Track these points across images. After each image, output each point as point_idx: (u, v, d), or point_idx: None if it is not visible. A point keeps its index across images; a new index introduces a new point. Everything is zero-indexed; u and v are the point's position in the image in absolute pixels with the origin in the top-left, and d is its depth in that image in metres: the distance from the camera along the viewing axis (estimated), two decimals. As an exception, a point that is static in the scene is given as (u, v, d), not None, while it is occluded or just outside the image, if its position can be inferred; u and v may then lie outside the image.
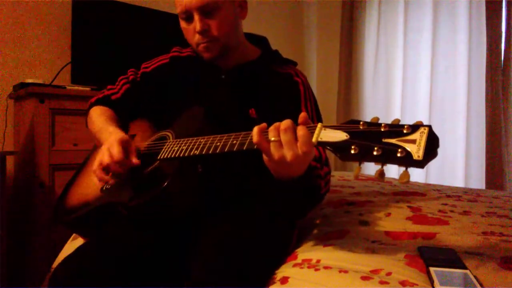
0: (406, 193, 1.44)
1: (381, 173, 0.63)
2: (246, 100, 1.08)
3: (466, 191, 1.59)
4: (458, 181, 2.80)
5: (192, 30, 1.05)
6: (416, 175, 2.94)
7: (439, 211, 1.18)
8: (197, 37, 1.04)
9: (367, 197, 1.38)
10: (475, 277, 0.72)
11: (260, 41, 1.19)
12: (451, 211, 1.19)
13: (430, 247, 0.88)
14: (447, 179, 2.79)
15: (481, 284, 0.70)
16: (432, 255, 0.81)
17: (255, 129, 0.77)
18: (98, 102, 1.23)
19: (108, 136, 1.04)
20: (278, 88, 1.09)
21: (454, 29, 2.89)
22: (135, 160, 0.97)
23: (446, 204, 1.26)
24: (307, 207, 0.97)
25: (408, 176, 0.62)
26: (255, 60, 1.14)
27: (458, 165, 2.86)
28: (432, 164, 2.98)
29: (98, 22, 2.24)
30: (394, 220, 1.10)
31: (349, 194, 1.43)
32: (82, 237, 1.20)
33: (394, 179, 1.98)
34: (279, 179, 0.83)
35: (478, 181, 2.77)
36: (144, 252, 0.95)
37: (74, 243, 1.24)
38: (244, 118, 1.04)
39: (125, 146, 0.97)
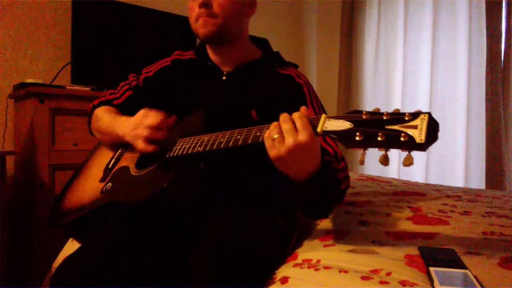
0: (406, 193, 1.44)
1: (385, 157, 0.67)
2: (247, 102, 1.09)
3: (466, 191, 1.58)
4: (458, 181, 2.79)
5: (195, 6, 1.06)
6: (416, 175, 2.94)
7: (439, 211, 1.18)
8: (197, 11, 1.06)
9: (367, 197, 1.38)
10: (475, 277, 0.72)
11: (261, 42, 1.20)
12: (451, 211, 1.19)
13: (430, 247, 0.88)
14: (447, 179, 2.78)
15: (481, 284, 0.70)
16: (432, 255, 0.81)
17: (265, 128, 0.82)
18: (101, 105, 1.24)
19: (124, 121, 1.07)
20: (280, 90, 1.10)
21: (454, 28, 2.89)
22: (173, 117, 1.04)
23: (446, 204, 1.26)
24: (328, 204, 0.96)
25: (412, 158, 0.65)
26: (257, 60, 1.14)
27: (458, 165, 2.85)
28: (432, 164, 3.00)
29: (98, 22, 2.24)
30: (394, 220, 1.10)
31: (349, 194, 1.43)
32: (77, 240, 1.18)
33: (394, 179, 1.98)
34: (297, 178, 0.83)
35: (478, 181, 2.76)
36: (145, 252, 0.95)
37: (74, 243, 1.24)
38: (245, 120, 1.04)
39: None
